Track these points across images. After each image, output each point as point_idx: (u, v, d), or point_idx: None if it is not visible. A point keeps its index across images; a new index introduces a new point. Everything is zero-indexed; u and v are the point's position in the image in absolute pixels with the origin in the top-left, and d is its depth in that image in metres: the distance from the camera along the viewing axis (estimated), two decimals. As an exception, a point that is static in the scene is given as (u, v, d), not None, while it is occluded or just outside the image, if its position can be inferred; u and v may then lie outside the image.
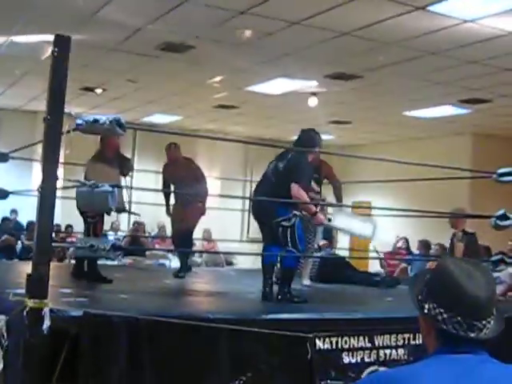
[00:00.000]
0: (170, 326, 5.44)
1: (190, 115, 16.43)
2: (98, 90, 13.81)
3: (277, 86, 12.76)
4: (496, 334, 1.92)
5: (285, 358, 5.35)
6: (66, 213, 11.40)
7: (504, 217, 8.11)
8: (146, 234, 14.94)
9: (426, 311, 1.96)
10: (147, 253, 13.09)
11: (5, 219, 14.72)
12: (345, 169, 16.46)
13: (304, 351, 5.30)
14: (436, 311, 1.92)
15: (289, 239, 6.67)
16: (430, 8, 8.32)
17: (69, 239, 13.83)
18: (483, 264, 2.08)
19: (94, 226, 7.95)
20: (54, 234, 8.88)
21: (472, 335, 1.88)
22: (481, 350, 1.91)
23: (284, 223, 6.68)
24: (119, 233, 15.12)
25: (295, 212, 6.73)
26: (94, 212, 7.40)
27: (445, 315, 1.89)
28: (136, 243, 12.86)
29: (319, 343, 5.31)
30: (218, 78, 12.58)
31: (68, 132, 5.49)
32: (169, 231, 14.26)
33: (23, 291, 5.09)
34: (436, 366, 1.88)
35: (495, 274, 10.75)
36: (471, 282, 1.89)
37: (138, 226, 14.27)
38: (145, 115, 16.51)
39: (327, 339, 5.36)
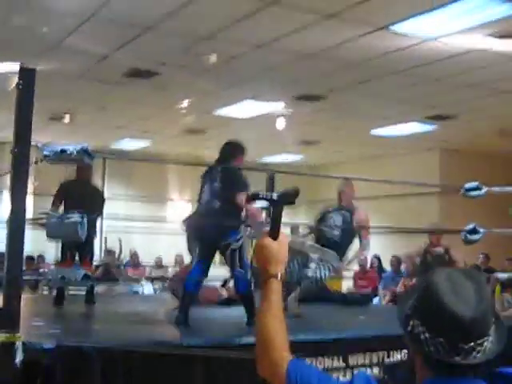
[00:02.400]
0: (144, 354, 5.43)
1: (159, 140, 16.40)
2: (66, 118, 13.77)
3: (245, 108, 12.81)
4: (493, 356, 1.67)
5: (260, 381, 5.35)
6: (37, 241, 11.30)
7: (474, 231, 8.22)
8: (118, 262, 14.79)
9: (409, 328, 1.72)
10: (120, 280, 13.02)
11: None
12: (315, 188, 16.56)
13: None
14: (419, 329, 1.69)
15: (237, 261, 6.69)
16: (391, 28, 8.43)
17: (41, 268, 13.70)
18: (481, 275, 1.81)
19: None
20: (25, 265, 8.84)
21: (458, 359, 1.65)
22: (472, 376, 1.69)
23: (233, 246, 6.71)
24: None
25: (241, 235, 6.79)
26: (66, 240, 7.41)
27: (427, 335, 1.68)
28: (109, 272, 12.74)
29: (294, 365, 5.31)
30: (185, 103, 12.60)
31: (36, 163, 5.52)
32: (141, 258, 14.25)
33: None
34: None
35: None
36: (458, 299, 1.66)
37: (109, 253, 14.11)
38: (114, 141, 16.46)
39: (301, 361, 5.36)
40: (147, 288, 12.04)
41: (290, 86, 11.34)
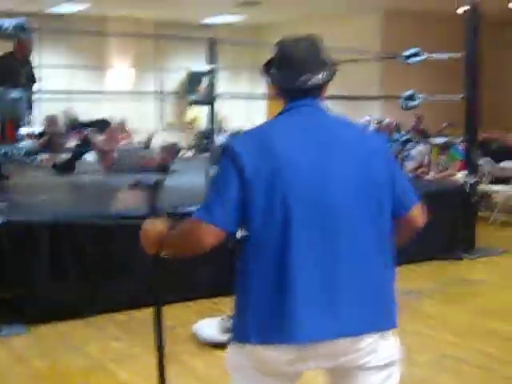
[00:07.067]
0: (90, 225, 5.55)
1: (98, 2, 15.95)
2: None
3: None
4: (325, 81, 2.44)
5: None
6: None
7: (412, 97, 8.39)
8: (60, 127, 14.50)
9: (268, 76, 2.49)
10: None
11: None
12: (256, 52, 16.42)
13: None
14: (273, 73, 2.46)
15: None
16: None
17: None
18: (315, 37, 2.51)
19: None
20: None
21: (298, 85, 2.41)
22: (310, 98, 2.43)
23: None
24: (31, 128, 14.72)
25: None
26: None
27: (278, 75, 2.44)
28: (51, 140, 12.50)
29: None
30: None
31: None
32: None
33: None
34: (279, 120, 2.44)
35: (406, 153, 11.13)
36: (296, 48, 2.42)
37: (51, 121, 13.81)
38: (51, 5, 15.95)
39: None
40: (90, 155, 11.91)
41: None
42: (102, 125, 10.05)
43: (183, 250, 2.43)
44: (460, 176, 8.92)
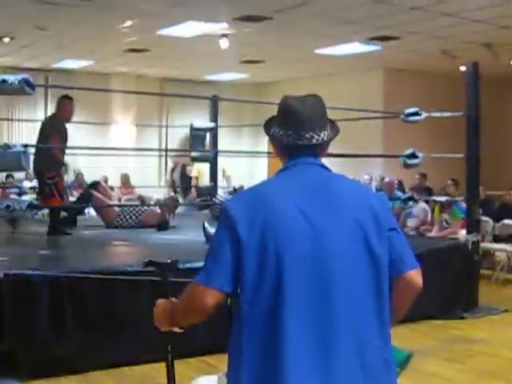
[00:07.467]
0: (90, 280, 5.53)
1: (101, 59, 16.17)
2: (6, 39, 13.42)
3: (188, 28, 12.64)
4: (328, 140, 2.46)
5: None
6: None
7: (413, 156, 8.41)
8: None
9: (270, 133, 2.50)
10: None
11: None
12: (258, 107, 16.54)
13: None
14: (275, 131, 2.46)
15: None
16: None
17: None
18: (318, 96, 2.51)
19: (54, 185, 8.07)
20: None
21: (301, 143, 2.41)
22: (312, 156, 2.44)
23: None
24: (35, 181, 14.84)
25: None
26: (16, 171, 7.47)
27: (281, 132, 2.43)
28: None
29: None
30: (128, 23, 12.39)
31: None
32: (87, 178, 14.24)
33: None
34: (278, 178, 2.46)
35: (409, 210, 11.13)
36: (300, 106, 2.42)
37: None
38: (55, 61, 16.17)
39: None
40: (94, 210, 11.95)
41: (234, 6, 11.20)
42: (94, 186, 10.17)
43: (189, 315, 2.46)
44: (462, 234, 8.91)
